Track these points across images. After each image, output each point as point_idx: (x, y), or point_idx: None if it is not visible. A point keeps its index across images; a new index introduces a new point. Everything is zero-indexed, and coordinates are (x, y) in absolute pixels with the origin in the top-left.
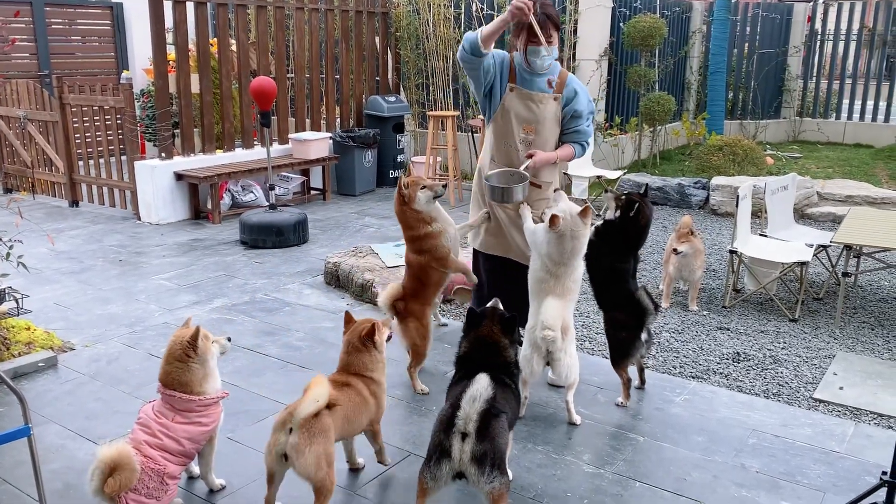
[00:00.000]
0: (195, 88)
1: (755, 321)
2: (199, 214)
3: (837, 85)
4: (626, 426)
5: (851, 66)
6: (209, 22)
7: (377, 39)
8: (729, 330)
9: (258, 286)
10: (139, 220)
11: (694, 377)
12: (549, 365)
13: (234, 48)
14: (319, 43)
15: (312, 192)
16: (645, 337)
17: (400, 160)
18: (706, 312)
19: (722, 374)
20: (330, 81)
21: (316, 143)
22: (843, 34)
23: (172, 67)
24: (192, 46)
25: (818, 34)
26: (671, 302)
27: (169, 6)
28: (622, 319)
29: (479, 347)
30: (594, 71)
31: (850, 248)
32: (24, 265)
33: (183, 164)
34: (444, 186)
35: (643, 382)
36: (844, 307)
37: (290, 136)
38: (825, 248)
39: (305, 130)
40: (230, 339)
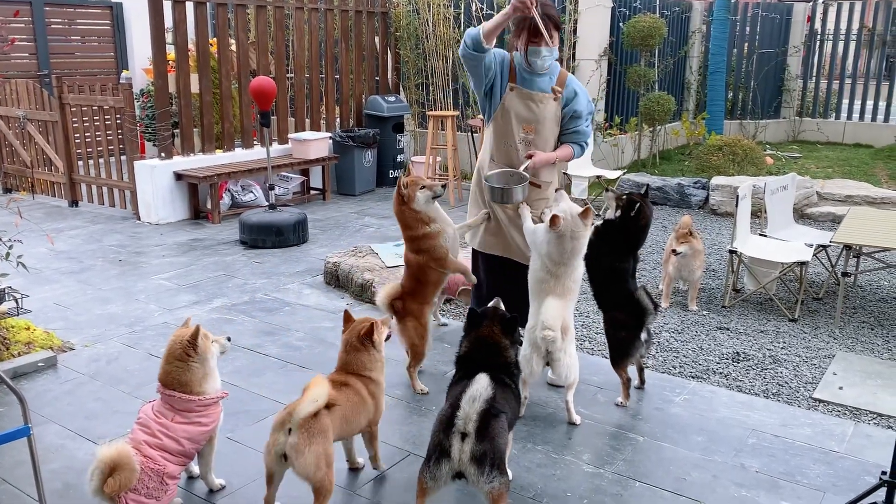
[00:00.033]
0: (195, 88)
1: (755, 321)
2: (198, 214)
3: (837, 85)
4: (625, 426)
5: (851, 65)
6: (209, 22)
7: (377, 39)
8: (728, 330)
9: (258, 286)
10: (139, 219)
11: (693, 377)
12: (548, 365)
13: (233, 48)
14: (319, 43)
15: (312, 191)
16: (644, 337)
17: (400, 160)
18: (706, 312)
19: (721, 373)
20: (329, 81)
21: (315, 142)
22: (842, 34)
23: (172, 67)
24: (191, 46)
25: (818, 34)
26: (671, 302)
27: (168, 6)
28: (622, 319)
29: (479, 347)
30: (594, 71)
31: (849, 247)
32: (23, 265)
33: (182, 163)
34: (443, 187)
35: (643, 382)
36: (844, 307)
37: (289, 135)
38: (825, 247)
39: (305, 130)
40: (230, 338)
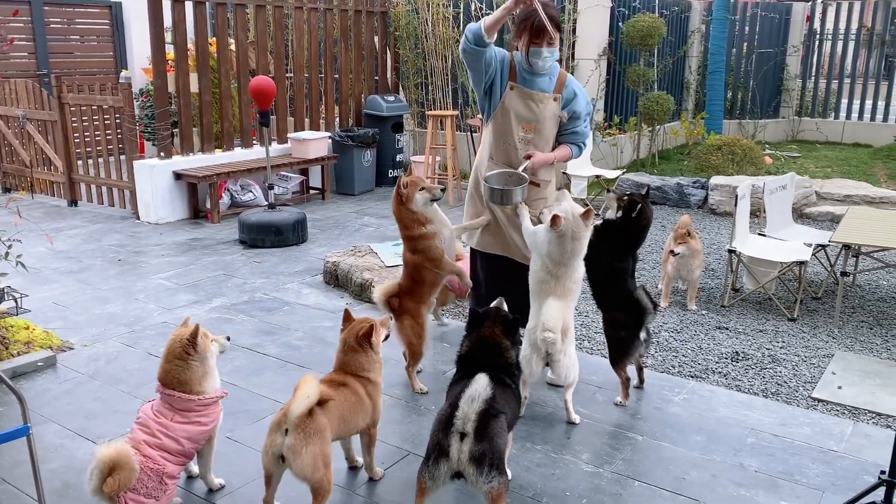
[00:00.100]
0: (194, 88)
1: (754, 320)
2: (198, 214)
3: (836, 84)
4: (624, 425)
5: (850, 65)
6: (208, 21)
7: (376, 39)
8: (728, 329)
9: (257, 285)
10: (138, 219)
11: (693, 376)
12: (548, 365)
13: (232, 47)
14: (318, 42)
15: (311, 191)
16: (644, 336)
17: (399, 160)
18: (705, 312)
19: (721, 373)
20: (329, 81)
21: (315, 142)
22: (841, 34)
23: (171, 67)
24: (190, 46)
25: (817, 34)
26: (670, 301)
27: (168, 5)
28: (621, 319)
29: (480, 348)
30: (593, 70)
31: (848, 247)
32: (22, 265)
33: (182, 163)
34: (442, 190)
35: (642, 382)
36: (843, 306)
37: (288, 135)
38: (824, 247)
39: (304, 130)
40: (229, 338)
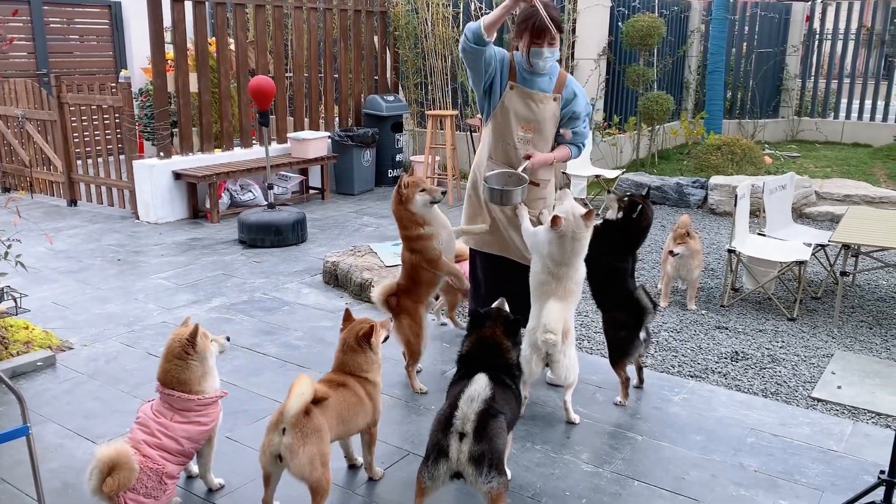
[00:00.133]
0: (193, 87)
1: (753, 320)
2: (197, 214)
3: (836, 84)
4: (624, 425)
5: (850, 65)
6: (207, 21)
7: (376, 38)
8: (727, 329)
9: (257, 285)
10: (137, 219)
11: (692, 376)
12: (548, 366)
13: (232, 47)
14: (318, 42)
15: (311, 191)
16: (643, 336)
17: (398, 159)
18: (704, 311)
19: (720, 373)
20: (328, 80)
21: (314, 142)
22: (841, 33)
23: (171, 66)
24: (190, 45)
25: (816, 33)
26: (669, 301)
27: (167, 5)
28: (621, 319)
29: (481, 348)
30: (593, 70)
31: (848, 247)
32: (22, 264)
33: (181, 163)
34: (443, 193)
35: (642, 381)
36: (842, 306)
37: (288, 135)
38: (823, 247)
39: (304, 130)
40: (229, 338)
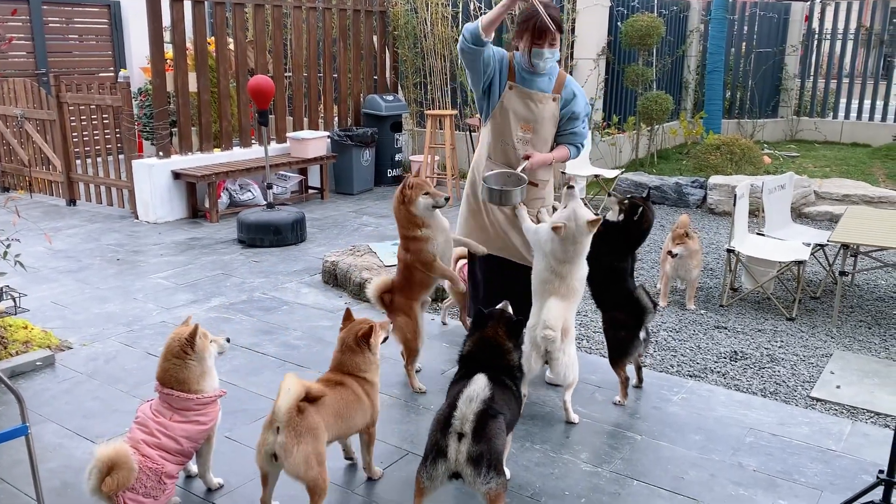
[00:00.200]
0: (193, 87)
1: (752, 320)
2: (196, 213)
3: (835, 84)
4: (623, 425)
5: (849, 65)
6: (207, 20)
7: (375, 38)
8: (726, 329)
9: (256, 285)
10: (137, 218)
11: (691, 376)
12: (547, 364)
13: (231, 47)
14: (317, 41)
15: (310, 190)
16: (643, 336)
17: (398, 159)
18: (704, 311)
19: (719, 372)
20: (328, 80)
21: (314, 141)
22: (840, 33)
23: (170, 66)
24: (189, 45)
25: (815, 33)
26: (669, 301)
27: (166, 4)
28: (621, 319)
29: (482, 348)
30: (592, 70)
31: (847, 246)
32: (21, 264)
33: (180, 162)
34: (446, 199)
35: (641, 381)
36: (841, 306)
37: (287, 134)
38: (822, 247)
39: (303, 129)
40: (229, 339)
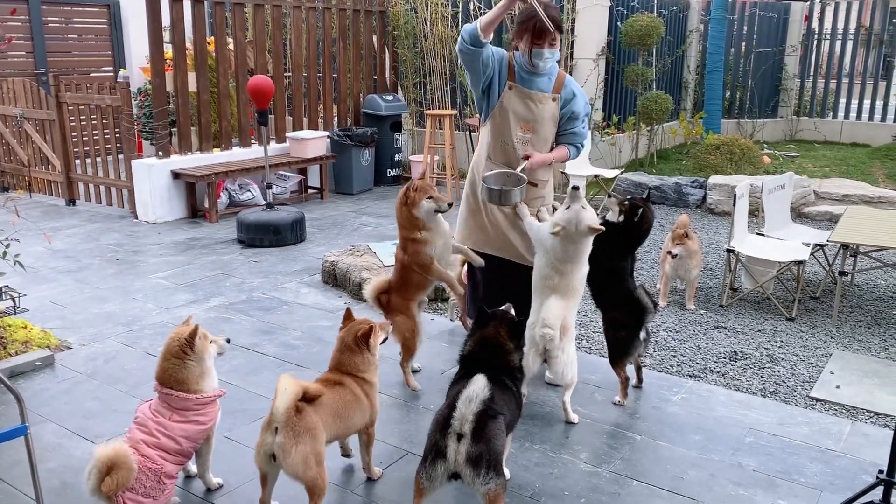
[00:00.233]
0: (192, 87)
1: (752, 320)
2: (196, 213)
3: (834, 84)
4: (623, 425)
5: (848, 65)
6: (206, 20)
7: (375, 38)
8: (726, 329)
9: (255, 285)
10: (136, 218)
11: (691, 376)
12: (545, 362)
13: (231, 46)
14: (317, 41)
15: (310, 190)
16: (643, 336)
17: (397, 159)
18: (703, 311)
19: (719, 372)
20: (327, 80)
21: (313, 141)
22: (839, 33)
23: (169, 66)
24: (189, 45)
25: (815, 33)
26: (668, 301)
27: (166, 4)
28: (621, 319)
29: (483, 347)
30: (591, 70)
31: (846, 246)
32: (20, 264)
33: (180, 162)
34: (449, 205)
35: (640, 381)
36: (841, 306)
37: (287, 134)
38: (822, 247)
39: (303, 129)
40: (229, 340)
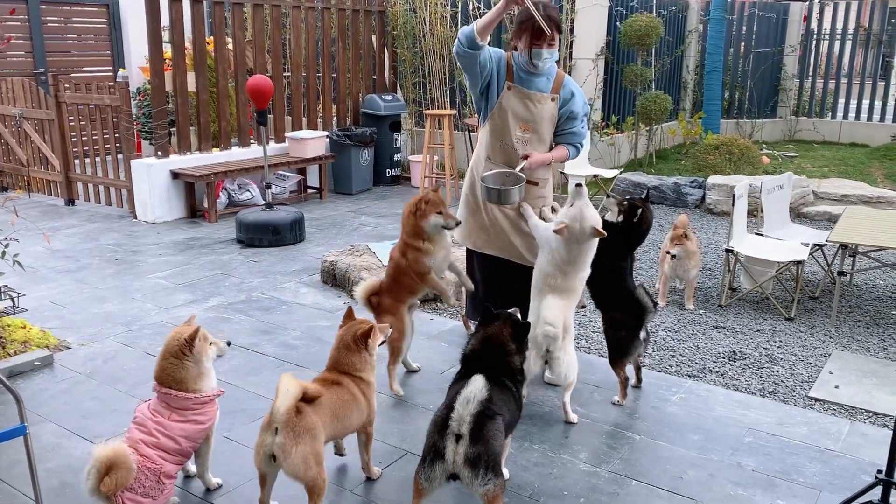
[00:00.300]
0: (191, 87)
1: (751, 320)
2: (195, 213)
3: (833, 84)
4: (622, 425)
5: (847, 65)
6: (205, 20)
7: (374, 38)
8: (725, 329)
9: (254, 285)
10: (135, 218)
11: (690, 376)
12: (546, 364)
13: (230, 46)
14: (316, 41)
15: (309, 190)
16: (643, 336)
17: (397, 159)
18: (702, 311)
19: (718, 372)
20: (327, 80)
21: (312, 141)
22: (838, 33)
23: (168, 66)
24: (188, 44)
25: (814, 33)
26: (668, 301)
27: (165, 4)
28: (621, 318)
29: (485, 346)
30: (591, 70)
31: (845, 246)
32: (19, 264)
33: (179, 162)
34: (456, 223)
35: (640, 381)
36: (840, 306)
37: (286, 134)
38: (821, 247)
39: (302, 129)
40: (230, 343)
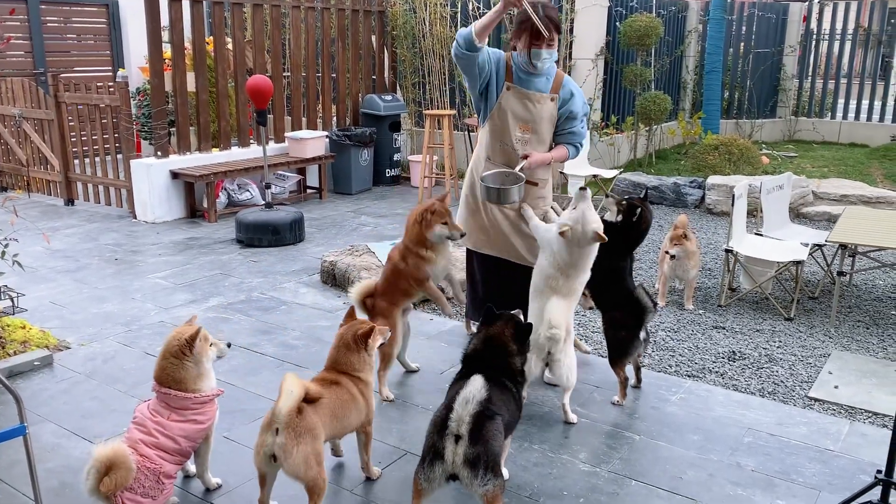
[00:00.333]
0: (191, 87)
1: (751, 320)
2: (195, 213)
3: (833, 84)
4: (622, 425)
5: (847, 65)
6: (205, 20)
7: (374, 38)
8: (724, 329)
9: (254, 285)
10: (135, 218)
11: (690, 376)
12: (547, 366)
13: (230, 46)
14: (316, 41)
15: (309, 190)
16: (643, 336)
17: (396, 159)
18: (702, 311)
19: (718, 372)
20: (326, 80)
21: (312, 141)
22: (838, 34)
23: (168, 66)
24: (187, 44)
25: (813, 34)
26: (667, 301)
27: (164, 4)
28: (621, 318)
29: (486, 346)
30: (590, 70)
31: (845, 247)
32: (19, 264)
33: (179, 162)
34: (461, 235)
35: (639, 381)
36: (839, 306)
37: (286, 134)
38: (820, 247)
39: (302, 129)
40: (230, 344)
